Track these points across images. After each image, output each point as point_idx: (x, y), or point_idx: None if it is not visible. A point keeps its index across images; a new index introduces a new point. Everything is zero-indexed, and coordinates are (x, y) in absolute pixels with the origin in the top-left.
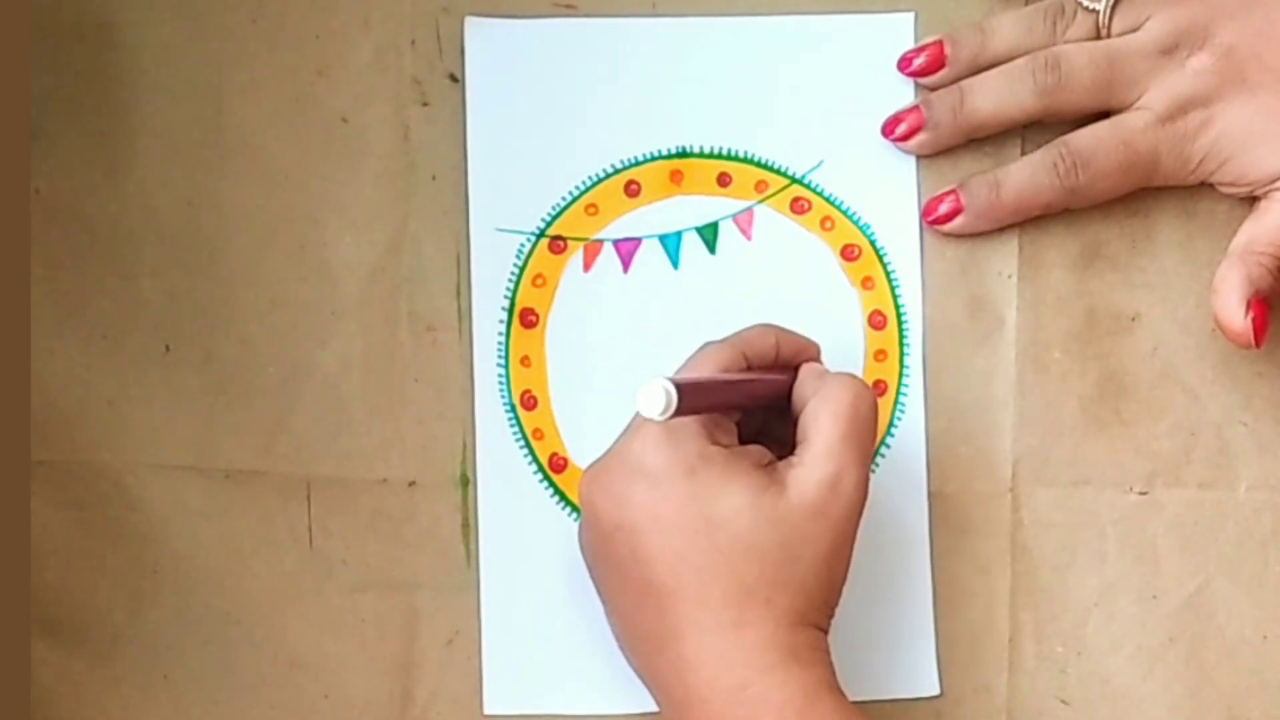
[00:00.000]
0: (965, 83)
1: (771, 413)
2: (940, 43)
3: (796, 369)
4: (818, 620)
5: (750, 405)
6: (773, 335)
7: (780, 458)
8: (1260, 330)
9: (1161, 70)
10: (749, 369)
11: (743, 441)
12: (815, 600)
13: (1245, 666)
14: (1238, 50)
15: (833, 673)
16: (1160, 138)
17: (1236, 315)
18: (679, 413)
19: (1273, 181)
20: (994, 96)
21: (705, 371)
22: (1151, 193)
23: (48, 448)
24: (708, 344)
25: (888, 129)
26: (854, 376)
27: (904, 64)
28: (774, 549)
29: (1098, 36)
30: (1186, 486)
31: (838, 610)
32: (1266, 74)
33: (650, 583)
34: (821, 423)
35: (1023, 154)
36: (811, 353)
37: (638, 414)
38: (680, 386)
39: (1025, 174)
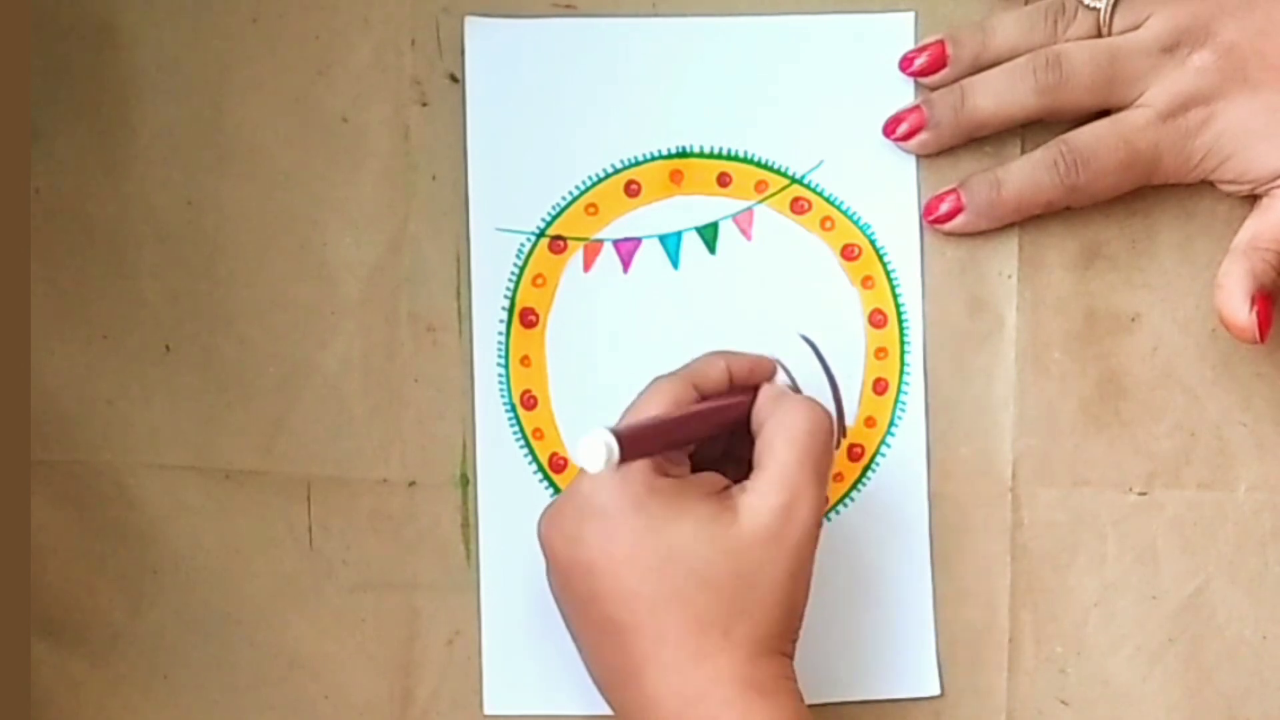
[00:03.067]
0: (966, 82)
1: (735, 434)
2: (941, 42)
3: (756, 389)
4: (781, 647)
5: (708, 434)
6: (722, 361)
7: (742, 478)
8: (1265, 325)
9: (1163, 68)
10: (703, 398)
11: (707, 465)
12: (775, 628)
13: (1244, 667)
14: (1239, 48)
15: (799, 701)
16: (1161, 135)
17: (1241, 310)
18: (624, 460)
19: (1275, 179)
20: (995, 95)
21: (655, 408)
22: (1151, 192)
23: (48, 448)
24: (658, 379)
25: (889, 129)
26: (811, 401)
27: (905, 64)
28: (729, 578)
29: (1099, 35)
30: (1186, 487)
31: (838, 610)
32: (1268, 71)
33: (609, 620)
34: (776, 448)
35: (1023, 153)
36: (765, 371)
37: None
38: (621, 436)
39: (1026, 172)
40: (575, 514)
